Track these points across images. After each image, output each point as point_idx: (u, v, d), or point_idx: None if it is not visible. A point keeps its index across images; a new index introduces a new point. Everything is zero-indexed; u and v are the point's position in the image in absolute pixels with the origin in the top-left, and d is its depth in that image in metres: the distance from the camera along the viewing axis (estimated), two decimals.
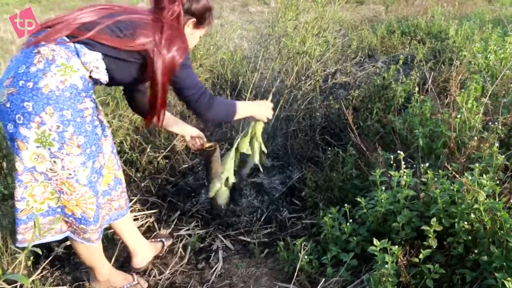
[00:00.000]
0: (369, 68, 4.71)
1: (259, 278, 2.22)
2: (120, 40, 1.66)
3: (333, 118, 3.51)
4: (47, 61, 1.57)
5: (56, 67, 1.57)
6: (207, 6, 1.93)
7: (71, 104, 1.60)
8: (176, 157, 3.18)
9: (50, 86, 1.55)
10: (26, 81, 1.54)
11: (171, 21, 1.79)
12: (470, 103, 2.48)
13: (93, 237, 1.84)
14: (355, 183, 2.49)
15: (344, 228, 2.09)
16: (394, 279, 1.68)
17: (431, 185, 1.95)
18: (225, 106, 2.04)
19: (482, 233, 1.74)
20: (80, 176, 1.68)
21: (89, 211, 1.77)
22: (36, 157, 1.61)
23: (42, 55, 1.57)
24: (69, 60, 1.60)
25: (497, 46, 3.71)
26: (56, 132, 1.58)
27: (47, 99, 1.54)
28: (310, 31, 3.63)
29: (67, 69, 1.59)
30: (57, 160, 1.62)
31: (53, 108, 1.55)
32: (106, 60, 1.67)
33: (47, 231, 1.78)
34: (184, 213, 2.71)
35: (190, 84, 1.86)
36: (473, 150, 2.20)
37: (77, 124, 1.62)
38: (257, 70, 3.60)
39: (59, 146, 1.60)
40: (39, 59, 1.57)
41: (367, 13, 8.40)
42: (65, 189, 1.69)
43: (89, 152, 1.69)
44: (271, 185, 2.97)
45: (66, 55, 1.60)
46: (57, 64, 1.58)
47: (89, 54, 1.63)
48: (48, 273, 2.25)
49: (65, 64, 1.59)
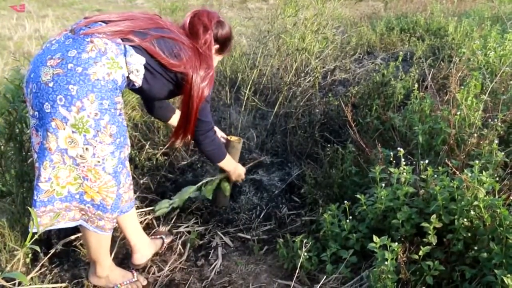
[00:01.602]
0: (368, 65, 4.71)
1: (258, 275, 2.22)
2: (165, 57, 1.78)
3: (332, 115, 3.51)
4: (99, 51, 1.65)
5: (106, 59, 1.66)
6: (230, 34, 2.12)
7: (110, 95, 1.67)
8: (175, 154, 3.17)
9: (98, 75, 1.62)
10: (76, 65, 1.60)
11: (204, 50, 1.93)
12: (470, 100, 2.48)
13: (107, 225, 1.88)
14: (354, 180, 2.49)
15: (344, 225, 2.09)
16: (394, 276, 1.68)
17: (430, 182, 1.95)
18: (220, 151, 2.30)
19: (481, 230, 1.74)
20: (107, 165, 1.74)
21: (109, 199, 1.82)
22: (71, 141, 1.65)
23: (95, 45, 1.65)
24: (117, 56, 1.69)
25: (496, 43, 3.71)
26: (94, 119, 1.64)
27: (92, 86, 1.61)
28: (309, 27, 3.62)
29: (114, 64, 1.68)
30: (89, 147, 1.67)
31: (95, 95, 1.62)
32: (146, 67, 1.77)
33: (61, 216, 1.81)
34: (183, 210, 2.71)
35: (205, 117, 2.05)
36: (473, 147, 2.20)
37: (112, 114, 1.69)
38: (256, 67, 3.60)
39: (94, 134, 1.66)
40: (92, 48, 1.64)
41: (366, 10, 8.39)
42: (90, 176, 1.74)
43: (118, 143, 1.75)
44: (270, 182, 2.96)
45: (116, 51, 1.69)
46: (108, 57, 1.66)
47: (135, 56, 1.73)
48: (47, 270, 2.24)
49: (113, 58, 1.68)
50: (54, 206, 1.76)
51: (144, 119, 3.27)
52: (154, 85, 1.85)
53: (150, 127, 3.25)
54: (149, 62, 1.77)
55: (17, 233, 2.26)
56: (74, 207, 1.81)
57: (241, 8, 8.67)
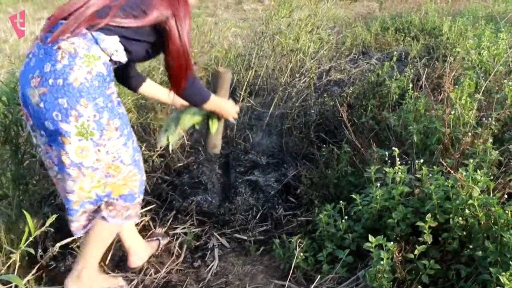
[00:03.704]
0: (363, 65, 4.72)
1: (255, 276, 2.22)
2: (134, 19, 1.67)
3: (328, 115, 3.51)
4: (70, 55, 1.59)
5: (80, 59, 1.60)
6: None
7: (101, 91, 1.64)
8: (171, 155, 3.17)
9: (79, 79, 1.59)
10: (55, 79, 1.57)
11: None
12: (464, 99, 2.49)
13: (133, 212, 1.95)
14: (350, 180, 2.49)
15: (340, 225, 2.10)
16: (390, 275, 1.69)
17: (425, 181, 1.96)
18: (202, 91, 2.04)
19: (476, 228, 1.75)
20: (124, 157, 1.76)
21: (134, 188, 1.88)
22: (81, 151, 1.65)
23: (64, 50, 1.59)
24: (90, 49, 1.62)
25: (490, 42, 3.73)
26: (94, 121, 1.63)
27: (79, 92, 1.58)
28: (303, 28, 3.64)
29: (90, 59, 1.62)
30: (100, 148, 1.67)
31: (86, 99, 1.60)
32: (123, 41, 1.69)
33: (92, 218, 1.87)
34: (180, 212, 2.71)
35: None
36: (467, 146, 2.21)
37: (109, 109, 1.68)
38: (251, 68, 3.60)
39: (99, 134, 1.65)
40: (62, 55, 1.58)
41: (361, 10, 8.41)
42: (111, 172, 1.76)
43: (126, 133, 1.76)
44: (266, 182, 2.96)
45: (86, 45, 1.61)
46: (80, 56, 1.60)
47: (107, 39, 1.65)
48: (43, 273, 2.24)
49: (87, 54, 1.61)
50: (86, 208, 1.82)
51: (140, 121, 3.27)
52: (138, 51, 1.77)
53: (146, 129, 3.24)
54: (124, 34, 1.68)
55: (13, 236, 2.26)
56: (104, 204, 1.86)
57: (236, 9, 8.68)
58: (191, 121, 2.28)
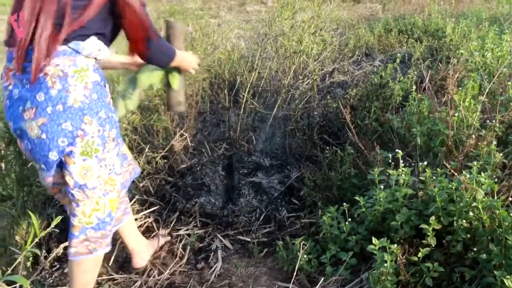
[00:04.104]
0: (367, 67, 4.71)
1: (258, 278, 2.22)
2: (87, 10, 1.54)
3: (331, 117, 3.51)
4: (60, 78, 1.52)
5: (72, 78, 1.54)
6: None
7: (102, 103, 1.62)
8: (175, 157, 3.17)
9: (78, 99, 1.54)
10: (54, 106, 1.51)
11: None
12: (468, 101, 2.49)
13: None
14: (353, 182, 2.49)
15: (343, 227, 2.09)
16: (393, 277, 1.69)
17: (429, 183, 1.96)
18: (168, 49, 1.88)
19: (481, 231, 1.74)
20: (116, 168, 1.73)
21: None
22: (85, 172, 1.61)
23: (52, 75, 1.52)
24: (76, 63, 1.56)
25: (494, 44, 3.72)
26: (98, 137, 1.61)
27: (81, 110, 1.55)
28: (307, 30, 3.63)
29: (81, 73, 1.56)
30: (102, 163, 1.65)
31: (89, 115, 1.57)
32: (99, 37, 1.61)
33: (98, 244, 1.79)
34: (183, 213, 2.71)
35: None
36: (471, 148, 2.20)
37: (110, 120, 1.66)
38: (254, 70, 3.60)
39: (102, 148, 1.63)
40: (52, 81, 1.52)
41: (364, 12, 8.40)
42: (108, 188, 1.72)
43: (120, 141, 1.75)
44: (269, 184, 2.96)
45: (71, 61, 1.55)
46: (71, 75, 1.54)
47: (86, 44, 1.57)
48: (47, 274, 2.24)
49: (76, 70, 1.55)
50: (87, 235, 1.74)
51: (143, 122, 3.28)
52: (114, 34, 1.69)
53: (150, 130, 3.25)
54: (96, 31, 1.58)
55: (18, 237, 2.27)
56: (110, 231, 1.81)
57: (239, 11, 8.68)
58: (149, 80, 2.07)
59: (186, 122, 3.32)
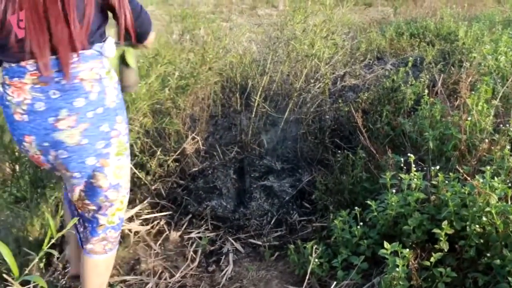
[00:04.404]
0: (378, 71, 4.70)
1: (269, 281, 2.22)
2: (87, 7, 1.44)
3: (343, 121, 3.51)
4: (96, 81, 1.51)
5: (105, 79, 1.54)
6: None
7: (122, 100, 1.63)
8: (186, 160, 3.19)
9: (113, 99, 1.56)
10: (94, 109, 1.50)
11: None
12: (481, 105, 2.47)
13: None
14: (365, 186, 2.49)
15: (355, 231, 2.09)
16: (405, 282, 1.68)
17: (442, 188, 1.94)
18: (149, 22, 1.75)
19: (494, 236, 1.73)
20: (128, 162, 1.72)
21: None
22: (119, 172, 1.63)
23: (89, 79, 1.49)
24: (104, 64, 1.55)
25: (507, 47, 3.69)
26: (126, 134, 1.64)
27: (114, 111, 1.56)
28: (318, 33, 3.63)
29: (109, 74, 1.57)
30: (129, 161, 1.68)
31: (121, 114, 1.60)
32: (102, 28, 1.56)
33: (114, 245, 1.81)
34: (195, 216, 2.72)
35: None
36: (484, 153, 2.19)
37: (125, 114, 1.66)
38: (266, 73, 3.61)
39: (129, 145, 1.66)
40: (91, 85, 1.49)
41: (376, 15, 8.38)
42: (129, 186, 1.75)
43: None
44: (281, 188, 2.97)
45: (100, 63, 1.53)
46: (104, 76, 1.53)
47: (107, 45, 1.55)
48: (59, 275, 2.27)
49: (107, 71, 1.55)
50: (107, 234, 1.74)
51: (155, 125, 3.30)
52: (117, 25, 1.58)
53: (162, 133, 3.27)
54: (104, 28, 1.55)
55: (31, 238, 2.29)
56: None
57: (251, 14, 8.71)
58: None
59: (198, 125, 3.34)
